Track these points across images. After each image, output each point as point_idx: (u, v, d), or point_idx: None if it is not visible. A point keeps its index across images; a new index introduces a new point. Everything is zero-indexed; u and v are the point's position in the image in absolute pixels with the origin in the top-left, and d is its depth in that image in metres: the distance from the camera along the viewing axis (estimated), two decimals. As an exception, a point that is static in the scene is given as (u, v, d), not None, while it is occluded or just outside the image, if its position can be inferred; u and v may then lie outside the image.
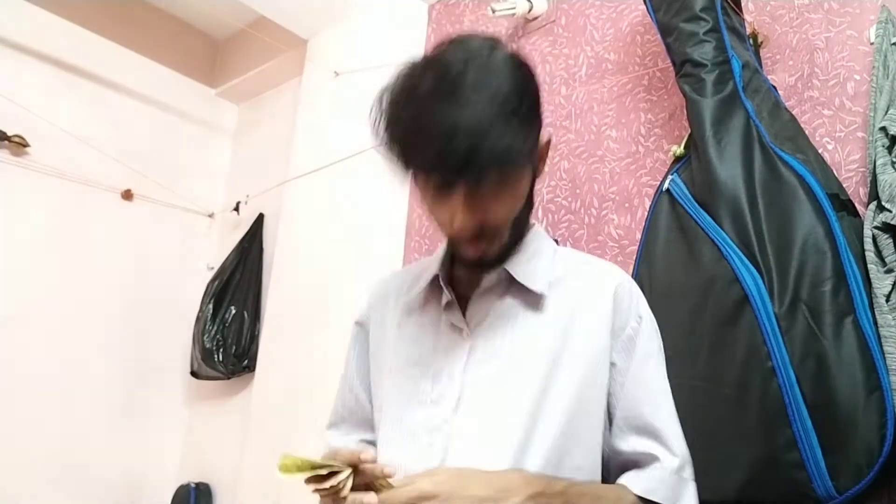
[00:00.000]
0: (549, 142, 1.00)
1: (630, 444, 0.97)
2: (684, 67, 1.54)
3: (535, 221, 1.08)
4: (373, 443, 1.09)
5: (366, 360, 1.13)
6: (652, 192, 1.77)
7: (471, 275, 1.03)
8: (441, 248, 1.09)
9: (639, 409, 0.98)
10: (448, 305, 1.02)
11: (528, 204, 1.00)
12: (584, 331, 0.98)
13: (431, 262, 1.09)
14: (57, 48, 2.79)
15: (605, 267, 1.08)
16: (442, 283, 1.03)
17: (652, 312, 1.04)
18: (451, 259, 1.07)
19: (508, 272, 1.00)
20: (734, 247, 1.35)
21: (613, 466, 0.99)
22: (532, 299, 1.00)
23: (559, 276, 1.02)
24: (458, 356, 0.98)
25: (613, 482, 0.97)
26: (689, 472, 0.97)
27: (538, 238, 1.06)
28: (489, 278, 1.00)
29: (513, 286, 1.00)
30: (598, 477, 0.97)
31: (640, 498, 0.93)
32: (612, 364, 0.99)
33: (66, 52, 2.82)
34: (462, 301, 1.02)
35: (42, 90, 2.72)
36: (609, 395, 0.99)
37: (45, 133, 2.65)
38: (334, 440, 1.16)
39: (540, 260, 1.03)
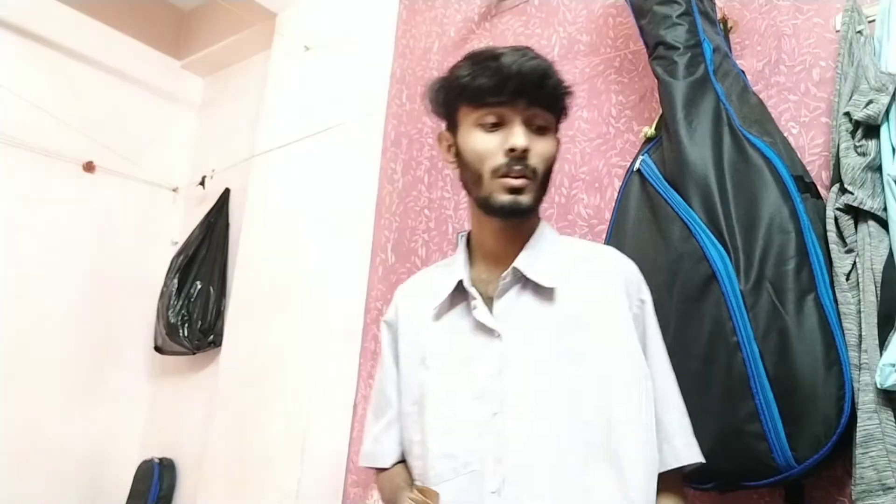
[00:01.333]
0: (559, 142, 1.14)
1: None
2: (657, 49, 1.56)
3: (540, 217, 1.17)
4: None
5: (395, 358, 1.20)
6: (622, 172, 1.81)
7: (490, 275, 1.12)
8: (459, 254, 1.18)
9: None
10: (476, 307, 1.09)
11: (549, 176, 1.11)
12: (598, 316, 1.07)
13: (452, 266, 1.17)
14: (16, 15, 2.71)
15: (610, 253, 1.18)
16: (467, 287, 1.11)
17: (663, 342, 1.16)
18: (471, 261, 1.17)
19: (520, 270, 1.08)
20: (703, 226, 1.38)
21: None
22: (546, 294, 1.08)
23: (567, 267, 1.11)
24: (493, 355, 1.05)
25: None
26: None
27: (544, 232, 1.15)
28: (504, 278, 1.08)
29: (527, 284, 1.09)
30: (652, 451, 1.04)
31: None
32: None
33: (26, 20, 2.74)
34: (486, 301, 1.10)
35: (1, 57, 2.64)
36: None
37: (3, 101, 2.58)
38: (369, 448, 1.21)
39: (548, 255, 1.12)
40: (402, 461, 1.18)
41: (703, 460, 1.09)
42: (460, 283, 1.12)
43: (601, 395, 1.02)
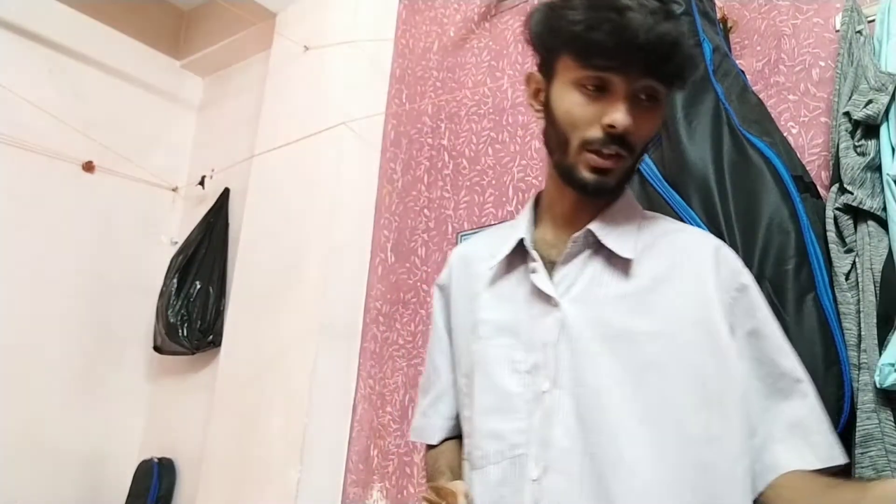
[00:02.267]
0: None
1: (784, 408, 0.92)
2: (657, 49, 1.56)
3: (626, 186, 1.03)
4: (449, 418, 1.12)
5: (446, 325, 1.12)
6: (621, 172, 1.80)
7: (557, 238, 1.00)
8: (525, 212, 1.06)
9: (785, 364, 0.93)
10: (535, 271, 0.97)
11: (644, 152, 0.98)
12: (683, 298, 0.93)
13: (515, 226, 1.05)
14: (16, 15, 2.71)
15: (698, 233, 1.05)
16: (528, 247, 0.99)
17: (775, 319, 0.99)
18: (535, 223, 1.05)
19: (595, 236, 0.96)
20: (702, 225, 1.38)
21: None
22: (620, 264, 0.95)
23: (648, 241, 0.98)
24: (549, 325, 0.94)
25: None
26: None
27: (627, 202, 1.03)
28: (575, 242, 0.96)
29: (600, 251, 0.96)
30: (735, 442, 0.89)
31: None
32: (731, 330, 0.93)
33: (26, 19, 2.74)
34: (548, 266, 0.98)
35: (0, 57, 2.64)
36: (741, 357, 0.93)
37: (3, 101, 2.58)
38: (418, 421, 1.16)
39: (627, 224, 0.99)
40: (454, 437, 1.10)
41: (845, 461, 0.92)
42: (520, 243, 1.01)
43: (668, 389, 0.88)
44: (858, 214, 1.31)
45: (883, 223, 1.28)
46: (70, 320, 2.79)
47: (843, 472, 0.93)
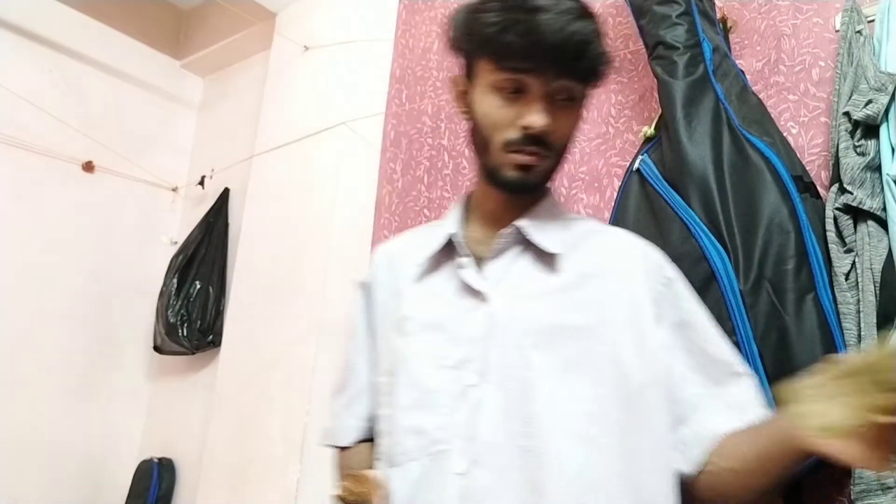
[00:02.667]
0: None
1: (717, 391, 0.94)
2: (657, 49, 1.56)
3: (549, 185, 1.06)
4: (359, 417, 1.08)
5: (368, 324, 1.11)
6: (621, 172, 1.80)
7: (485, 236, 1.01)
8: (453, 210, 1.07)
9: (714, 350, 0.96)
10: (464, 267, 0.98)
11: (570, 147, 1.00)
12: (610, 295, 0.95)
13: (444, 224, 1.06)
14: (15, 14, 2.71)
15: (626, 234, 1.07)
16: (457, 243, 1.01)
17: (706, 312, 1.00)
18: (465, 221, 1.06)
19: (523, 232, 0.98)
20: (702, 226, 1.39)
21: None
22: (547, 260, 0.97)
23: (575, 238, 1.00)
24: (478, 320, 0.94)
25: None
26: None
27: (553, 201, 1.05)
28: (503, 238, 0.98)
29: (528, 247, 0.98)
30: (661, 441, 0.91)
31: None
32: (658, 322, 0.95)
33: (25, 19, 2.74)
34: (477, 262, 0.99)
35: (0, 57, 2.64)
36: (665, 350, 0.95)
37: (3, 101, 2.58)
38: (331, 415, 1.13)
39: (555, 221, 1.02)
40: (367, 440, 1.07)
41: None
42: (449, 240, 1.02)
43: (596, 382, 0.90)
44: (858, 214, 1.31)
45: (883, 223, 1.28)
46: (70, 320, 2.79)
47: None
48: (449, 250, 1.02)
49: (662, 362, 0.94)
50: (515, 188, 0.97)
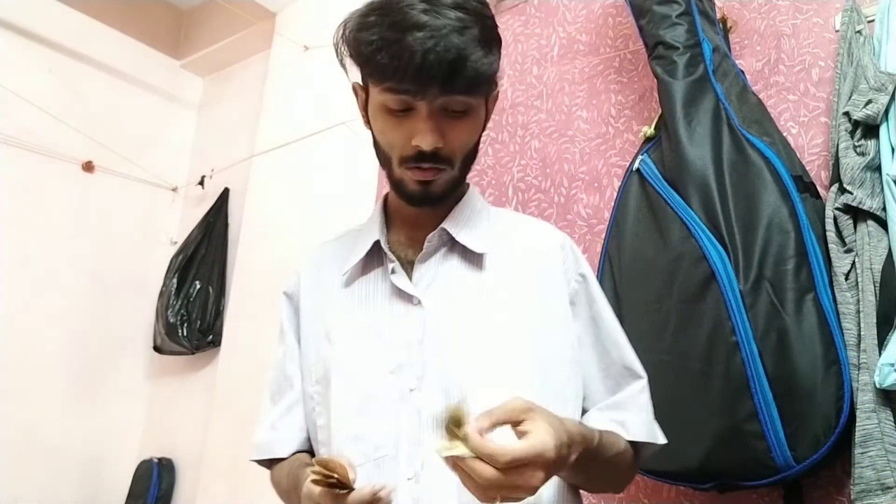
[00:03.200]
0: (497, 95, 1.02)
1: (609, 386, 1.00)
2: (657, 49, 1.56)
3: (469, 182, 1.07)
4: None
5: (296, 333, 1.09)
6: (621, 172, 1.80)
7: (411, 238, 1.02)
8: (375, 215, 1.06)
9: (616, 354, 1.01)
10: (394, 271, 0.98)
11: (474, 152, 0.99)
12: (531, 286, 0.98)
13: (366, 230, 1.05)
14: (15, 14, 2.71)
15: (544, 225, 1.10)
16: (385, 249, 1.00)
17: (621, 289, 1.05)
18: (387, 225, 1.05)
19: (449, 233, 0.99)
20: (702, 225, 1.39)
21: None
22: (474, 259, 0.99)
23: (498, 234, 1.03)
24: (412, 324, 0.95)
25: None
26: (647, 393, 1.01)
27: (474, 199, 1.06)
28: (431, 240, 0.98)
29: (454, 248, 1.00)
30: None
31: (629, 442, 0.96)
32: (575, 316, 1.01)
33: (25, 19, 2.74)
34: (405, 266, 0.99)
35: (0, 57, 2.64)
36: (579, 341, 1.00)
37: (3, 101, 2.58)
38: (263, 436, 1.07)
39: (478, 219, 1.03)
40: (304, 451, 1.04)
41: (659, 441, 0.99)
42: (376, 245, 1.01)
43: (525, 374, 0.92)
44: (858, 214, 1.31)
45: (882, 223, 1.28)
46: (70, 320, 2.79)
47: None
48: (377, 255, 1.02)
49: (577, 359, 0.99)
50: (417, 202, 0.96)
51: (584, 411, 1.00)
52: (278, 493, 1.04)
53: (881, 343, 1.22)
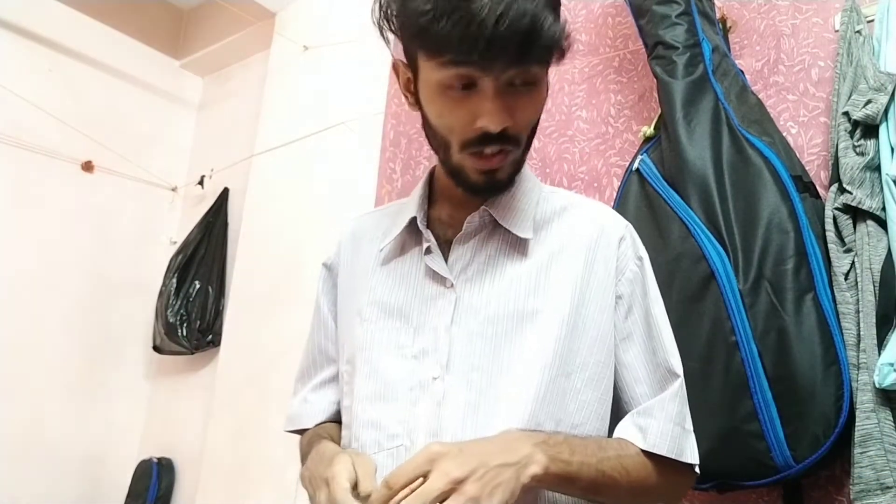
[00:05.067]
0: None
1: (646, 390, 0.93)
2: (656, 49, 1.56)
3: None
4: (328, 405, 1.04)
5: (333, 306, 1.05)
6: (620, 172, 1.81)
7: (452, 217, 0.95)
8: (418, 188, 1.00)
9: (661, 355, 0.93)
10: (428, 251, 0.93)
11: (537, 127, 0.92)
12: (575, 279, 0.91)
13: (408, 204, 0.99)
14: (15, 14, 2.70)
15: (601, 210, 1.00)
16: (421, 227, 0.94)
17: (665, 310, 0.98)
18: (430, 200, 0.99)
19: (492, 215, 0.93)
20: (702, 225, 1.39)
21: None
22: (518, 244, 0.92)
23: (546, 218, 0.96)
24: (442, 308, 0.90)
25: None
26: (685, 396, 0.93)
27: (524, 178, 0.97)
28: (472, 221, 0.92)
29: (497, 230, 0.93)
30: (602, 433, 0.92)
31: (644, 452, 0.88)
32: (618, 299, 0.93)
33: (24, 18, 2.74)
34: (443, 246, 0.94)
35: (0, 57, 2.64)
36: (617, 336, 0.93)
37: (3, 101, 2.58)
38: (295, 408, 1.08)
39: (526, 201, 0.95)
40: (332, 422, 1.03)
41: (686, 459, 0.91)
42: (413, 222, 0.95)
43: (536, 375, 0.86)
44: (857, 214, 1.31)
45: (882, 223, 1.29)
46: (69, 320, 2.79)
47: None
48: (414, 232, 0.96)
49: (601, 358, 0.92)
50: (481, 191, 0.90)
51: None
52: (303, 463, 1.00)
53: (881, 343, 1.22)
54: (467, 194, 0.92)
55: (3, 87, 2.55)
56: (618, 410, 0.94)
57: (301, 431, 1.07)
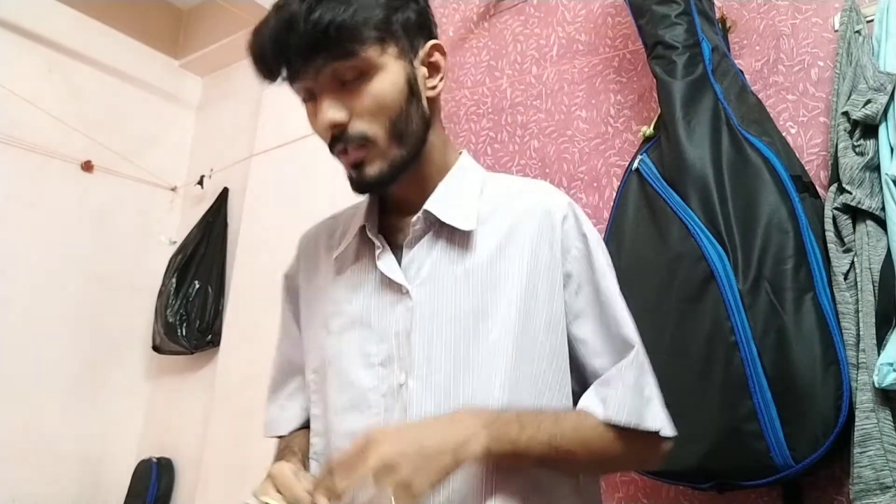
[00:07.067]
0: (436, 48, 0.96)
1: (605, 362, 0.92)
2: (656, 49, 1.56)
3: (463, 150, 1.02)
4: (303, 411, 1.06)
5: (295, 317, 1.07)
6: (620, 172, 1.81)
7: (401, 221, 0.95)
8: (367, 195, 1.00)
9: (615, 328, 0.93)
10: (381, 258, 0.93)
11: (422, 119, 0.92)
12: (521, 264, 0.91)
13: (359, 210, 1.00)
14: (15, 14, 2.70)
15: (544, 191, 1.00)
16: (370, 234, 0.95)
17: (620, 288, 0.96)
18: (385, 206, 1.00)
19: (434, 214, 0.92)
20: (701, 225, 1.39)
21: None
22: (462, 239, 0.92)
23: (491, 207, 0.95)
24: (400, 314, 0.90)
25: None
26: (646, 363, 0.92)
27: (465, 169, 0.99)
28: (416, 224, 0.92)
29: (443, 229, 0.93)
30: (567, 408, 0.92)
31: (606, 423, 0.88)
32: (567, 278, 0.93)
33: (25, 19, 2.74)
34: (396, 251, 0.94)
35: (0, 57, 2.64)
36: (570, 314, 0.93)
37: (3, 101, 2.58)
38: (273, 414, 1.10)
39: (468, 192, 0.96)
40: (306, 427, 1.04)
41: (646, 425, 0.89)
42: (363, 230, 0.96)
43: (500, 367, 0.87)
44: (857, 214, 1.32)
45: (881, 223, 1.29)
46: (69, 320, 2.79)
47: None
48: (366, 239, 0.96)
49: (557, 340, 0.92)
50: (360, 189, 0.92)
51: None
52: None
53: (880, 343, 1.22)
54: (360, 193, 0.94)
55: (2, 87, 2.55)
56: (584, 384, 0.94)
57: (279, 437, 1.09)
